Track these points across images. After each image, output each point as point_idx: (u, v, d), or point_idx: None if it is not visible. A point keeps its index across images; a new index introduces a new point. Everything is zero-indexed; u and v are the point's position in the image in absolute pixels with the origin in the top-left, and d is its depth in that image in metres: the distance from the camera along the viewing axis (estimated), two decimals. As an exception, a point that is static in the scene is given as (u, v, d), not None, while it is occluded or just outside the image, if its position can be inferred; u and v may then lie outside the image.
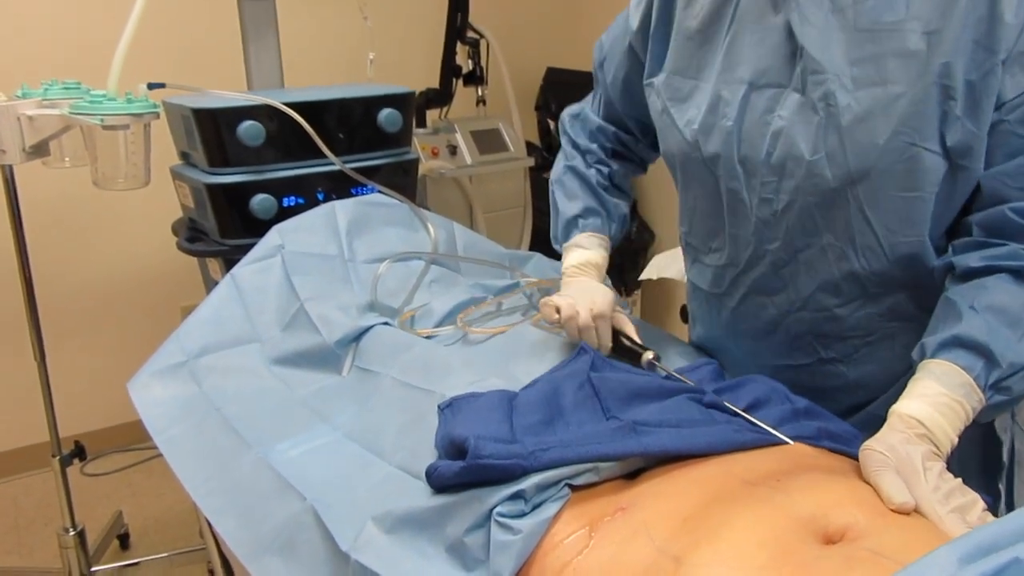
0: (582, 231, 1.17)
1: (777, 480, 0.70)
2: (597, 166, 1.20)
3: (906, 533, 0.63)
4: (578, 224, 1.17)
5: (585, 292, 1.07)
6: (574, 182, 1.20)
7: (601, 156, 1.20)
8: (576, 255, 1.16)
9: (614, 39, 1.14)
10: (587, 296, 1.06)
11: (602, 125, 1.20)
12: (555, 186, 1.22)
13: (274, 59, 1.82)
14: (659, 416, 0.81)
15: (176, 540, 2.17)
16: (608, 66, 1.15)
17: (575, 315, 1.03)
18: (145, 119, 1.49)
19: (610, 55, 1.15)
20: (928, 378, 0.80)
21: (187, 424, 1.13)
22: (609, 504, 0.72)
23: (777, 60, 0.90)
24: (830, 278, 0.94)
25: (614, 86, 1.15)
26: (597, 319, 1.04)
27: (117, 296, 2.53)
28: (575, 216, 1.17)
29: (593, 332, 1.04)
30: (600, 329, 1.05)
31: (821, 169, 0.88)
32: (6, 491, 2.43)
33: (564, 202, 1.19)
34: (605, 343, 1.06)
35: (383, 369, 1.12)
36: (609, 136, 1.21)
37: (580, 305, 1.04)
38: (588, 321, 1.03)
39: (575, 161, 1.21)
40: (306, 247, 1.38)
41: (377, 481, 0.90)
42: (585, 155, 1.20)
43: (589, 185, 1.19)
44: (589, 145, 1.20)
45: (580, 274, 1.14)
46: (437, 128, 2.52)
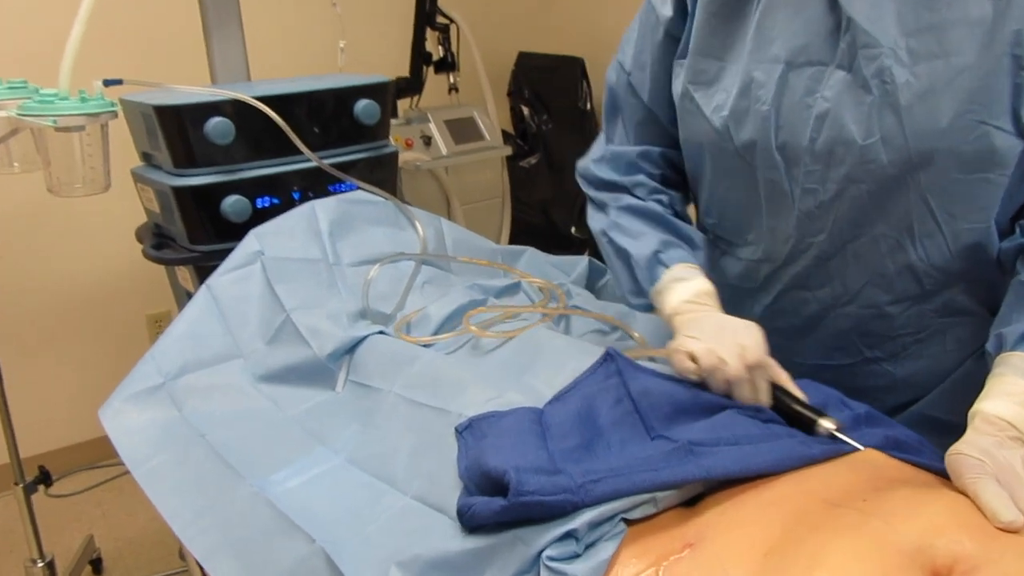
0: (669, 266, 0.95)
1: (864, 500, 0.62)
2: (654, 197, 1.02)
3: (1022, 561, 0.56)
4: (661, 260, 0.96)
5: (724, 332, 0.85)
6: (634, 221, 0.99)
7: (653, 186, 1.02)
8: (682, 289, 0.92)
9: (637, 47, 1.00)
10: (730, 337, 0.83)
11: (643, 151, 1.03)
12: (611, 234, 1.01)
13: (239, 51, 1.71)
14: (713, 434, 0.73)
15: (153, 563, 2.06)
16: (639, 79, 1.00)
17: (720, 365, 0.81)
18: (102, 119, 1.38)
19: (637, 66, 1.00)
20: (1012, 373, 0.73)
21: (169, 454, 1.02)
22: (673, 539, 0.64)
23: (817, 35, 0.82)
24: (883, 271, 0.87)
25: (655, 95, 0.99)
26: (753, 369, 0.82)
27: (79, 307, 2.40)
28: (654, 253, 0.96)
29: (748, 386, 0.82)
30: (757, 382, 0.82)
31: (876, 154, 0.80)
32: (-34, 519, 2.29)
33: (631, 243, 0.98)
34: (763, 399, 0.83)
35: (384, 384, 1.02)
36: (655, 159, 1.03)
37: (726, 351, 0.82)
38: (742, 372, 0.81)
39: (624, 200, 1.01)
40: (287, 252, 1.28)
41: (393, 515, 0.81)
42: (634, 190, 1.02)
43: (655, 216, 0.99)
44: (634, 178, 1.02)
45: (701, 308, 0.91)
46: (410, 118, 2.43)
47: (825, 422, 0.78)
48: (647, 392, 0.81)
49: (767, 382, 0.83)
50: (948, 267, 0.84)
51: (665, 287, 0.94)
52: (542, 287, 1.28)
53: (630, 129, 1.04)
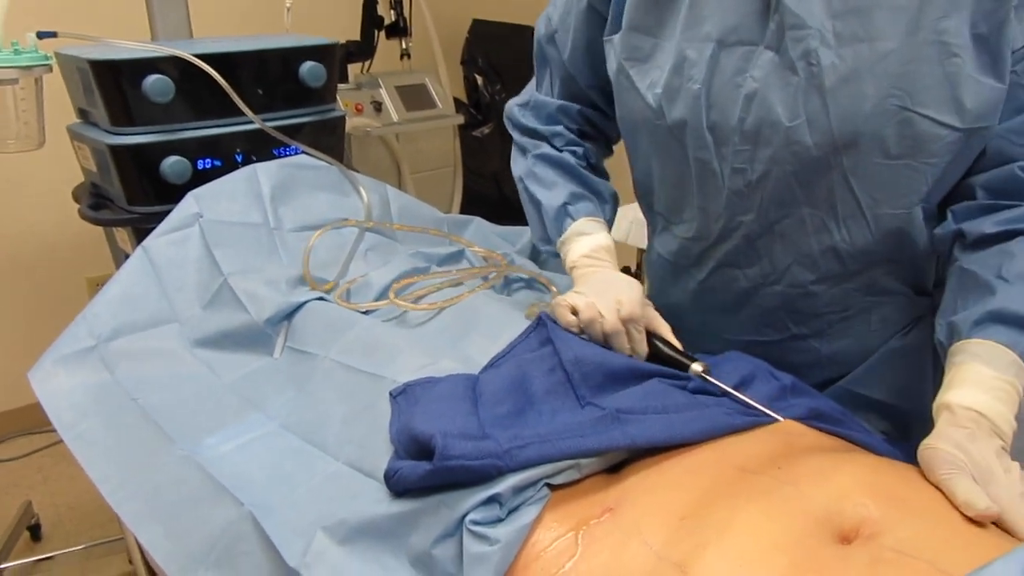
0: (575, 219, 1.00)
1: (778, 467, 0.64)
2: (569, 148, 1.06)
3: (923, 524, 0.58)
4: (568, 212, 1.01)
5: (607, 288, 0.91)
6: (548, 170, 1.04)
7: (571, 137, 1.06)
8: (582, 243, 0.98)
9: (564, 7, 1.01)
10: (610, 293, 0.89)
11: (563, 105, 1.06)
12: (526, 181, 1.06)
13: (181, 6, 1.67)
14: (642, 402, 0.74)
15: (93, 529, 2.03)
16: (562, 38, 1.02)
17: (598, 318, 0.88)
18: (36, 72, 1.34)
19: (562, 26, 1.02)
20: (973, 361, 0.72)
21: (99, 417, 1.01)
22: (594, 504, 0.65)
23: (748, 15, 0.81)
24: (808, 251, 0.87)
25: (574, 57, 1.02)
26: (628, 322, 0.88)
27: (15, 269, 2.34)
28: (563, 205, 1.01)
29: (623, 337, 0.88)
30: (632, 334, 0.89)
31: (801, 136, 0.80)
32: (-103, 484, 2.24)
33: (544, 193, 1.03)
34: (640, 350, 0.90)
35: (321, 350, 1.02)
36: (573, 115, 1.07)
37: (603, 305, 0.88)
38: (616, 325, 0.87)
39: (542, 148, 1.06)
40: (227, 215, 1.26)
41: (322, 480, 0.81)
42: (552, 139, 1.06)
43: (567, 168, 1.04)
44: (553, 128, 1.06)
45: (595, 264, 0.97)
46: (360, 83, 2.39)
47: (696, 366, 0.84)
48: (579, 360, 0.81)
49: (642, 333, 0.90)
50: (871, 248, 0.85)
51: (568, 239, 1.00)
52: (485, 256, 1.28)
53: (555, 81, 1.08)
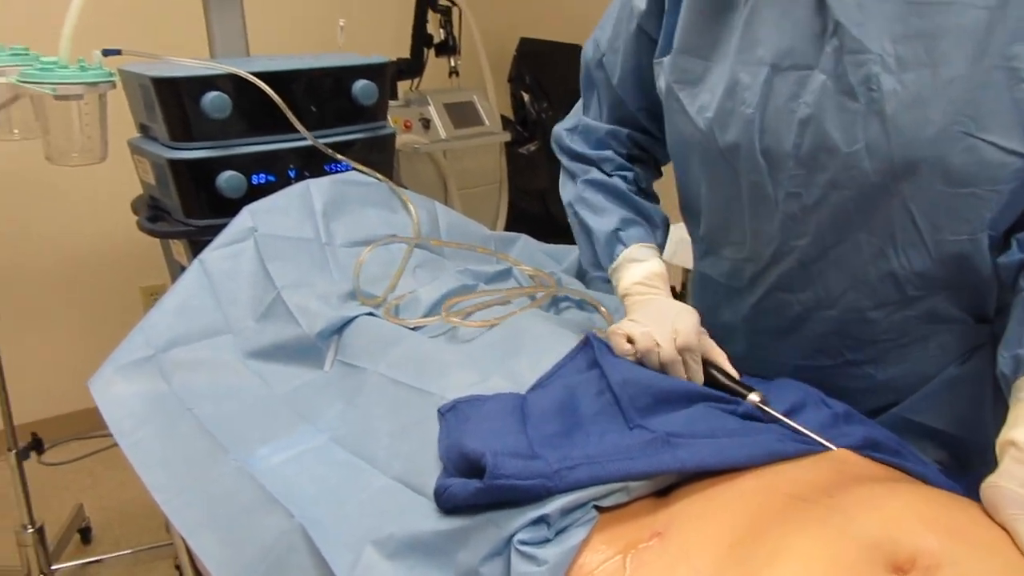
0: (627, 245, 0.99)
1: (830, 496, 0.63)
2: (619, 173, 1.05)
3: (989, 561, 0.57)
4: (620, 238, 1.00)
5: (663, 316, 0.90)
6: (598, 195, 1.03)
7: (620, 162, 1.05)
8: (635, 270, 0.98)
9: (613, 31, 1.01)
10: (666, 321, 0.89)
11: (612, 129, 1.05)
12: (576, 206, 1.05)
13: (238, 25, 1.71)
14: (691, 426, 0.74)
15: (141, 534, 2.07)
16: (611, 61, 1.02)
17: (655, 347, 0.87)
18: (100, 88, 1.38)
19: (611, 49, 1.02)
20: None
21: (156, 426, 1.04)
22: (643, 528, 0.65)
23: (803, 38, 0.80)
24: (864, 277, 0.86)
25: (623, 82, 1.01)
26: (684, 351, 0.88)
27: (74, 277, 2.40)
28: (614, 230, 1.00)
29: (680, 367, 0.88)
30: (689, 363, 0.89)
31: (859, 162, 0.79)
32: (-42, 483, 2.31)
33: (594, 219, 1.02)
34: (696, 379, 0.89)
35: (370, 364, 1.03)
36: (622, 139, 1.06)
37: (660, 334, 0.88)
38: (673, 354, 0.87)
39: (591, 174, 1.05)
40: (280, 229, 1.29)
41: (371, 494, 0.82)
42: (601, 164, 1.05)
43: (618, 193, 1.03)
44: (602, 153, 1.05)
45: (648, 291, 0.96)
46: (409, 100, 2.42)
47: (753, 395, 0.83)
48: (627, 383, 0.81)
49: (698, 363, 0.89)
50: (931, 275, 0.83)
51: (620, 266, 0.99)
52: (533, 274, 1.29)
53: (604, 105, 1.07)
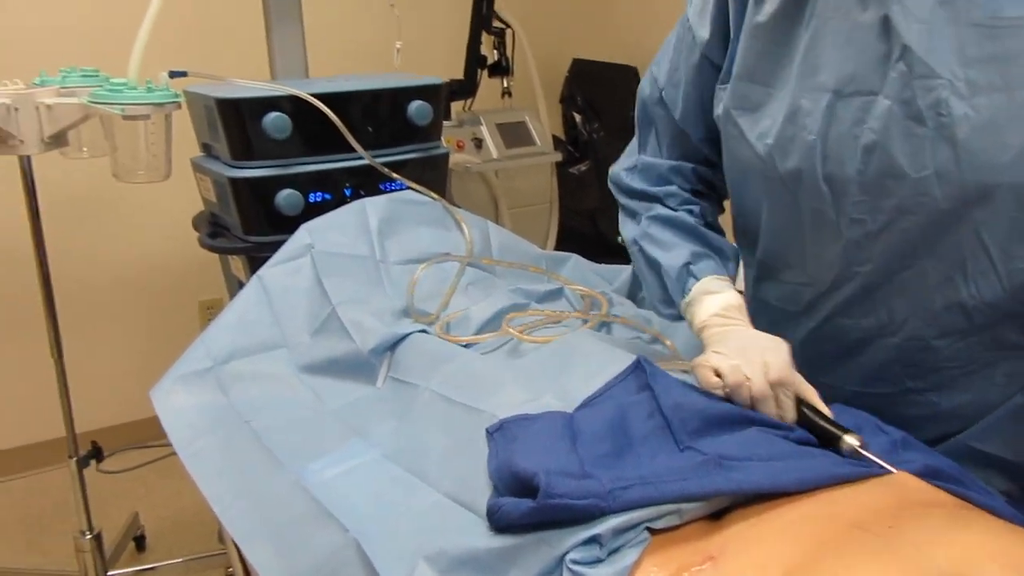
0: (699, 278, 0.96)
1: (890, 525, 0.62)
2: (685, 207, 1.02)
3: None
4: (691, 272, 0.96)
5: (753, 348, 0.86)
6: (665, 231, 1.00)
7: (685, 196, 1.03)
8: (711, 302, 0.94)
9: (671, 65, 1.00)
10: (756, 354, 0.84)
11: (675, 165, 1.04)
12: (641, 243, 1.02)
13: (298, 47, 1.76)
14: (744, 450, 0.73)
15: (193, 544, 2.11)
16: (671, 96, 1.01)
17: (744, 381, 0.82)
18: (166, 109, 1.43)
19: (670, 83, 1.00)
20: None
21: (214, 437, 1.06)
22: (696, 551, 0.65)
23: (867, 63, 0.79)
24: (929, 306, 0.84)
25: (686, 114, 1.00)
26: (777, 386, 0.83)
27: (135, 290, 2.47)
28: (685, 264, 0.97)
29: (772, 403, 0.83)
30: (781, 399, 0.83)
31: (929, 188, 0.77)
32: (22, 487, 2.38)
33: (662, 254, 0.99)
34: (788, 417, 0.83)
35: (422, 381, 1.04)
36: (687, 174, 1.04)
37: (750, 368, 0.83)
38: (765, 389, 0.82)
39: (656, 210, 1.02)
40: (337, 247, 1.31)
41: (423, 510, 0.83)
42: (665, 200, 1.02)
43: (686, 228, 1.00)
44: (666, 189, 1.03)
45: (729, 323, 0.92)
46: (462, 120, 2.45)
47: (849, 438, 0.78)
48: (679, 407, 0.81)
49: (791, 399, 0.84)
50: (1001, 304, 0.81)
51: (695, 299, 0.95)
52: (584, 294, 1.29)
53: (663, 142, 1.05)
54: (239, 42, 2.00)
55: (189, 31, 2.16)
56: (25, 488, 2.38)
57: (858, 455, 0.76)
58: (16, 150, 1.45)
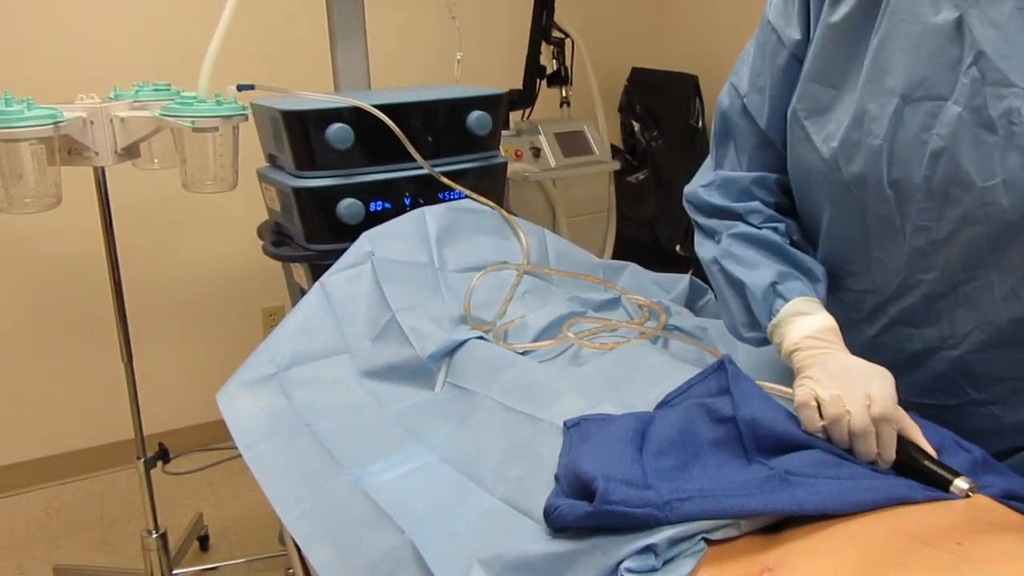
0: (788, 299, 0.90)
1: (957, 542, 0.60)
2: (769, 224, 0.96)
3: None
4: (779, 292, 0.91)
5: (854, 378, 0.79)
6: (748, 249, 0.95)
7: (769, 213, 0.97)
8: (804, 324, 0.87)
9: (753, 71, 0.96)
10: (858, 385, 0.78)
11: (758, 177, 0.98)
12: (723, 262, 0.96)
13: (362, 60, 1.79)
14: (813, 467, 0.72)
15: (255, 545, 2.16)
16: (756, 102, 0.96)
17: (845, 415, 0.76)
18: (234, 121, 1.47)
19: (754, 89, 0.96)
20: None
21: (277, 440, 1.09)
22: (752, 564, 0.64)
23: (937, 68, 0.77)
24: (993, 318, 0.82)
25: (773, 119, 0.95)
26: (880, 422, 0.76)
27: (201, 297, 2.54)
28: (771, 284, 0.91)
29: (872, 440, 0.76)
30: (883, 435, 0.76)
31: (996, 197, 0.76)
32: (92, 487, 2.46)
33: (746, 273, 0.93)
34: (887, 456, 0.77)
35: (481, 388, 1.06)
36: (770, 186, 0.99)
37: (851, 400, 0.76)
38: (867, 424, 0.75)
39: (737, 227, 0.97)
40: (396, 254, 1.34)
41: (479, 514, 0.84)
42: (747, 216, 0.97)
43: (771, 246, 0.94)
44: (749, 205, 0.97)
45: (824, 346, 0.85)
46: (520, 130, 2.46)
47: (960, 482, 0.71)
48: (755, 423, 0.78)
49: (894, 436, 0.77)
50: None
51: (784, 321, 0.90)
52: (642, 304, 1.29)
53: (743, 155, 1.00)
54: (305, 56, 2.06)
55: (256, 46, 2.22)
56: (95, 488, 2.46)
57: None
58: (91, 161, 1.51)
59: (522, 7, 2.44)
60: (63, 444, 2.48)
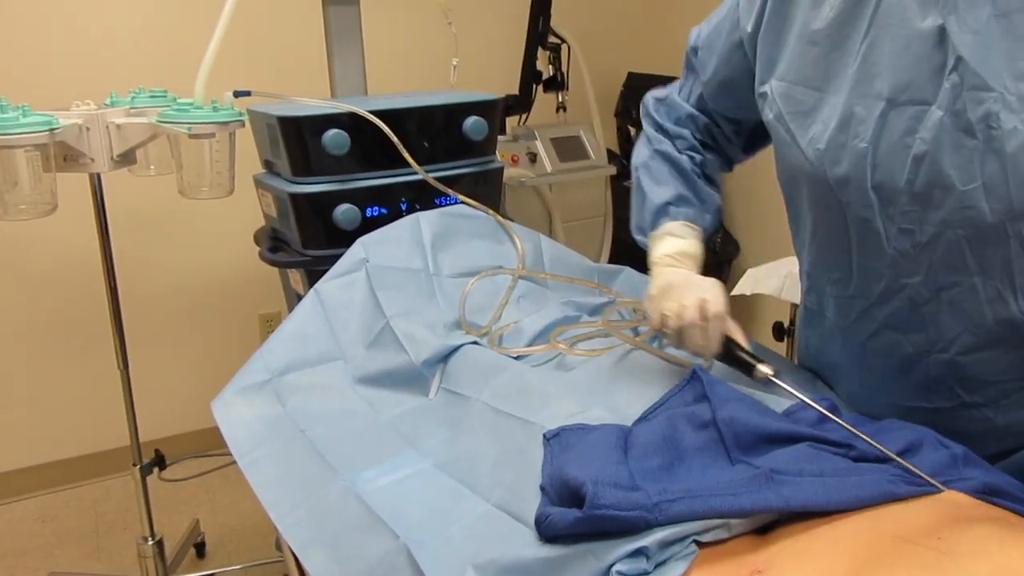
0: (673, 219, 1.05)
1: (938, 538, 0.61)
2: (689, 152, 1.09)
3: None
4: (668, 212, 1.05)
5: (690, 285, 0.95)
6: (663, 167, 1.09)
7: (693, 143, 1.10)
8: (669, 244, 1.03)
9: (716, 30, 1.03)
10: (693, 290, 0.93)
11: (693, 114, 1.10)
12: (641, 171, 1.11)
13: (358, 66, 1.80)
14: (796, 464, 0.72)
15: (252, 551, 2.16)
16: (705, 58, 1.05)
17: (681, 311, 0.91)
18: (231, 127, 1.48)
19: (708, 46, 1.05)
20: None
21: (271, 446, 1.09)
22: (742, 565, 0.64)
23: (922, 72, 0.78)
24: (980, 321, 0.82)
25: (710, 83, 1.06)
26: (711, 319, 0.91)
27: (197, 303, 2.55)
28: (665, 203, 1.06)
29: (698, 332, 0.91)
30: (710, 330, 0.91)
31: (976, 200, 0.77)
32: (87, 494, 2.46)
33: (652, 188, 1.08)
34: (712, 347, 0.92)
35: (473, 393, 1.06)
36: (700, 126, 1.11)
37: (686, 299, 0.92)
38: (694, 317, 0.90)
39: (664, 146, 1.10)
40: (391, 260, 1.34)
41: (473, 519, 0.84)
42: (675, 140, 1.10)
43: (681, 171, 1.08)
44: (679, 131, 1.10)
45: (675, 264, 1.01)
46: (517, 135, 2.47)
47: (763, 367, 0.86)
48: (733, 421, 0.80)
49: (719, 332, 0.92)
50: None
51: (658, 237, 1.05)
52: (636, 307, 1.29)
53: (692, 91, 1.11)
54: (301, 62, 2.06)
55: (253, 52, 2.22)
56: (91, 495, 2.46)
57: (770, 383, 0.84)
58: (87, 168, 1.52)
59: (518, 13, 2.44)
60: (58, 451, 2.48)
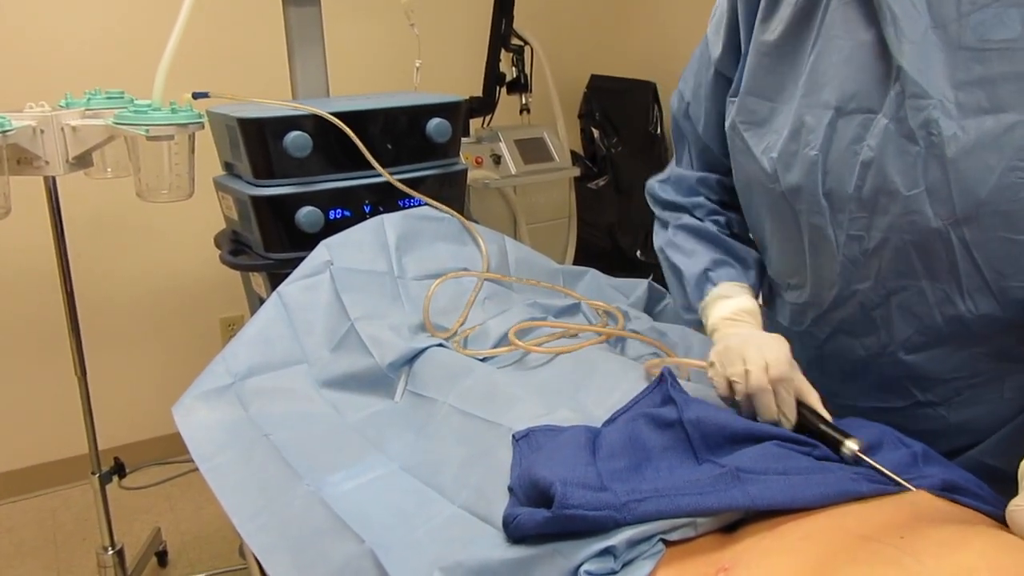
0: (717, 283, 0.99)
1: (900, 536, 0.62)
2: (711, 217, 1.05)
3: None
4: (710, 278, 1.00)
5: (753, 345, 0.87)
6: (689, 239, 1.04)
7: (711, 207, 1.06)
8: (722, 307, 0.96)
9: (695, 80, 1.03)
10: (756, 350, 0.86)
11: (702, 176, 1.07)
12: (667, 250, 1.06)
13: (320, 68, 1.78)
14: (762, 463, 0.73)
15: (215, 558, 2.13)
16: (695, 110, 1.04)
17: (743, 374, 0.84)
18: (190, 129, 1.45)
19: (695, 98, 1.03)
20: None
21: (234, 451, 1.07)
22: (708, 563, 0.65)
23: (868, 82, 0.80)
24: (931, 323, 0.84)
25: (708, 128, 1.03)
26: (776, 383, 0.84)
27: (157, 308, 2.50)
28: (704, 271, 1.00)
29: (771, 397, 0.84)
30: (781, 396, 0.84)
31: (920, 206, 0.78)
32: (45, 504, 2.41)
33: (684, 261, 1.02)
34: (789, 415, 0.84)
35: (439, 395, 1.05)
36: (713, 185, 1.07)
37: (751, 363, 0.84)
38: (763, 382, 0.83)
39: (683, 219, 1.06)
40: (355, 263, 1.33)
41: (440, 522, 0.83)
42: (693, 211, 1.06)
43: (709, 236, 1.03)
44: (694, 200, 1.06)
45: (737, 325, 0.94)
46: (480, 137, 2.47)
47: (850, 443, 0.78)
48: (700, 421, 0.80)
49: (791, 396, 0.85)
50: (1000, 318, 0.81)
51: (710, 303, 0.99)
52: (601, 309, 1.30)
53: (693, 154, 1.08)
54: (262, 63, 2.04)
55: (212, 53, 2.19)
56: (48, 505, 2.40)
57: (859, 460, 0.77)
58: (42, 171, 1.48)
59: (481, 15, 2.44)
60: (14, 461, 2.42)
